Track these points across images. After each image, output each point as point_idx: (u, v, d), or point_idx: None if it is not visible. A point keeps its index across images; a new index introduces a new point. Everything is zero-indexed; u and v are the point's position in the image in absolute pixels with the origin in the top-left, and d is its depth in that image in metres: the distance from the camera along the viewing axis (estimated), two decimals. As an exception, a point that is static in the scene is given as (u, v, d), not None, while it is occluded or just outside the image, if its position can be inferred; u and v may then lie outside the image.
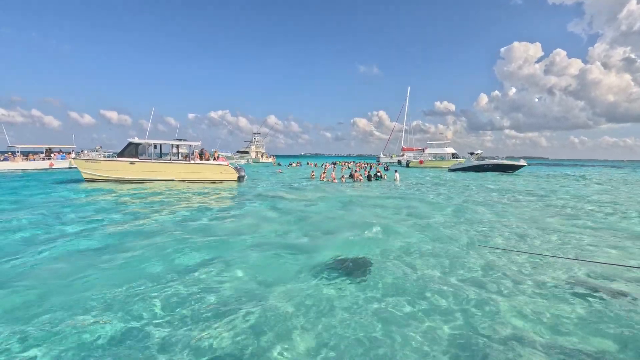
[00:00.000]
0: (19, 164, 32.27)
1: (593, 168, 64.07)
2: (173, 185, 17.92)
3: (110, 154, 26.21)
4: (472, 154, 42.52)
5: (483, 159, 39.64)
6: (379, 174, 24.89)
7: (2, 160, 32.44)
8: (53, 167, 33.71)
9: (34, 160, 34.19)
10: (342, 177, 23.41)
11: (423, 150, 56.86)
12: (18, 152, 34.59)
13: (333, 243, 7.24)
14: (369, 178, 23.19)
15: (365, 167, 37.79)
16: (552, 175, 35.20)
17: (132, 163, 19.00)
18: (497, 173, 34.94)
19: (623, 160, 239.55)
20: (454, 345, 3.58)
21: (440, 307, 4.37)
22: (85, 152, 39.51)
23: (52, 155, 36.36)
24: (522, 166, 36.66)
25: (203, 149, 21.84)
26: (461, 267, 5.88)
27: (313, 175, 25.26)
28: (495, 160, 38.07)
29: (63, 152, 38.16)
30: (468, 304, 4.44)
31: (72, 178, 20.80)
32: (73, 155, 31.28)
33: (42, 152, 36.98)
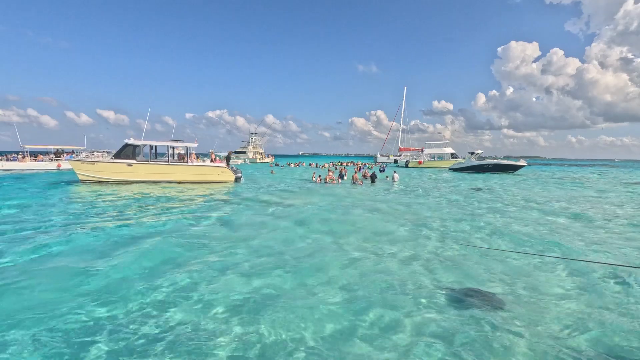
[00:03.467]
0: (27, 164, 31.17)
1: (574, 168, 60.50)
2: (170, 187, 16.49)
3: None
4: (472, 153, 40.32)
5: (483, 158, 37.50)
6: (367, 174, 23.34)
7: (12, 161, 31.45)
8: (61, 167, 32.43)
9: (42, 161, 33.04)
10: (333, 178, 22.37)
11: (421, 150, 54.78)
12: (27, 152, 33.39)
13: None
14: (372, 179, 21.81)
15: (362, 167, 35.95)
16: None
17: (129, 164, 17.60)
18: (498, 173, 33.14)
19: (614, 160, 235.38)
20: None
21: None
22: (95, 152, 38.40)
23: (61, 156, 35.14)
24: (522, 166, 34.76)
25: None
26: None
27: (314, 176, 23.91)
28: (495, 160, 36.12)
29: (73, 153, 36.89)
30: None
31: (68, 179, 19.36)
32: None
33: (51, 153, 35.82)
